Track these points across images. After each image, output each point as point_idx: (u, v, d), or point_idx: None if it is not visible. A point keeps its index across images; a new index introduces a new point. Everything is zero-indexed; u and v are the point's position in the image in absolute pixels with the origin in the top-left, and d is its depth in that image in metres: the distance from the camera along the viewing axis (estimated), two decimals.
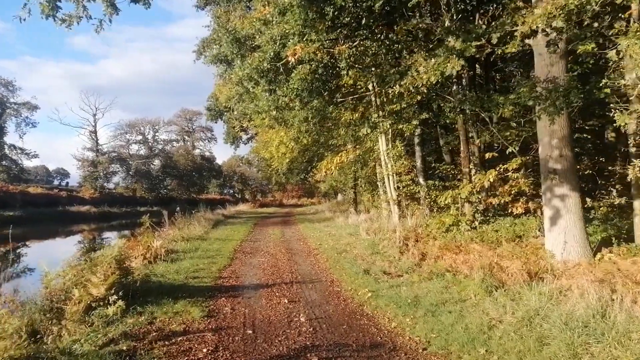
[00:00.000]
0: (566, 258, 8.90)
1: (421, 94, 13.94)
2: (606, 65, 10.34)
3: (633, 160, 8.48)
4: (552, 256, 9.08)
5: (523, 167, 11.27)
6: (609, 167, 15.42)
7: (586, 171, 14.09)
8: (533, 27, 6.05)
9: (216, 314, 6.65)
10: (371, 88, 16.10)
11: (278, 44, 9.40)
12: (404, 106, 14.24)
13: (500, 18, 6.80)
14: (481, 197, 14.31)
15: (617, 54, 6.42)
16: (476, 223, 13.44)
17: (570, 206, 9.08)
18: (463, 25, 7.54)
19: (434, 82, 7.42)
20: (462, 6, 12.01)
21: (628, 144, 9.75)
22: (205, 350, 5.25)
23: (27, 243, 26.96)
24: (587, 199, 11.55)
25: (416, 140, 18.51)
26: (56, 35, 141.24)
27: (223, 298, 7.62)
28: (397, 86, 7.47)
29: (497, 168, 11.14)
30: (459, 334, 5.57)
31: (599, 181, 14.80)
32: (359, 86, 16.28)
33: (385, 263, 11.03)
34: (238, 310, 6.93)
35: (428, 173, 18.71)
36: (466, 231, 12.94)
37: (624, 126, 8.11)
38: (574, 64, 10.24)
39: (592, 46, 6.56)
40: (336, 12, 8.84)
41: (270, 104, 11.48)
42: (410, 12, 10.65)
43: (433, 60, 7.02)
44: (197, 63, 41.35)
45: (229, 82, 11.55)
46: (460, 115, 14.01)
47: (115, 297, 6.27)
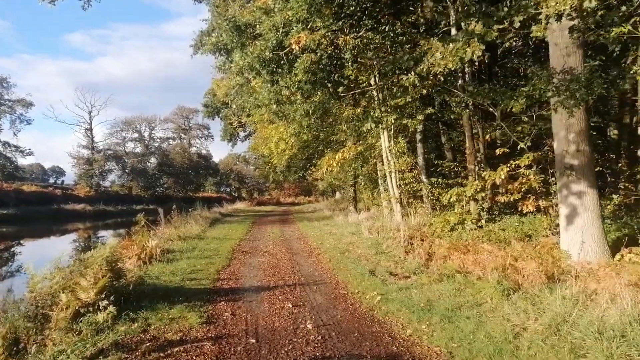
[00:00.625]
0: (583, 259, 8.44)
1: (427, 88, 13.50)
2: (622, 55, 9.92)
3: None
4: (569, 257, 8.63)
5: (535, 164, 10.79)
6: (619, 165, 15.04)
7: (596, 168, 13.65)
8: (560, 10, 5.56)
9: (216, 320, 6.15)
10: (373, 83, 15.64)
11: (281, 32, 8.91)
12: (409, 100, 13.74)
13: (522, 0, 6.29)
14: (486, 195, 13.89)
15: None
16: (483, 221, 12.99)
17: (587, 204, 8.63)
18: (482, 7, 7.00)
19: (452, 69, 6.93)
20: None
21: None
22: None
23: (22, 242, 26.46)
24: None
25: (418, 137, 18.02)
26: (53, 32, 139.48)
27: (222, 302, 7.13)
28: (412, 73, 6.97)
29: (508, 164, 10.67)
30: (483, 344, 5.09)
31: (609, 179, 14.40)
32: (361, 80, 15.81)
33: (390, 263, 10.58)
34: (239, 315, 6.44)
35: (430, 171, 18.23)
36: (472, 230, 12.52)
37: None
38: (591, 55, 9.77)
39: (628, 28, 6.06)
40: None
41: (271, 97, 10.97)
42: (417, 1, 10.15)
43: (451, 45, 6.54)
44: (195, 59, 40.94)
45: (229, 72, 11.04)
46: (466, 110, 13.56)
47: (105, 302, 5.77)
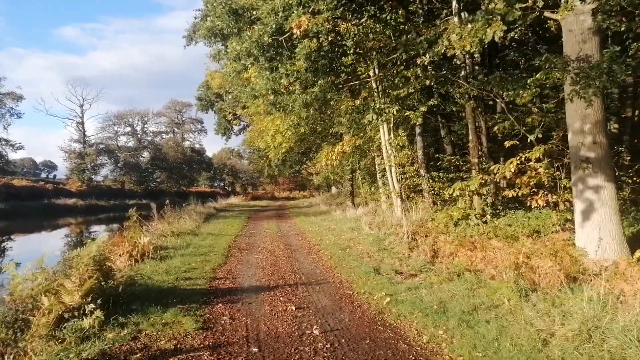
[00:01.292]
0: (601, 257, 8.01)
1: (430, 78, 13.02)
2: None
3: None
4: (585, 254, 8.18)
5: (547, 156, 10.33)
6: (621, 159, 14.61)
7: None
8: None
9: (213, 326, 5.64)
10: (372, 74, 15.14)
11: (280, 16, 8.37)
12: (411, 91, 13.24)
13: None
14: (490, 189, 13.48)
15: None
16: (488, 217, 12.57)
17: (605, 198, 8.18)
18: None
19: (471, 51, 6.44)
20: None
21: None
22: None
23: (11, 237, 25.82)
24: None
25: (417, 130, 17.53)
26: (44, 25, 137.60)
27: (220, 304, 6.61)
28: (426, 56, 6.46)
29: (518, 157, 10.21)
30: (510, 353, 4.62)
31: (616, 172, 13.98)
32: (360, 72, 15.31)
33: (395, 261, 10.11)
34: (238, 319, 5.93)
35: (429, 164, 17.76)
36: (476, 225, 12.10)
37: None
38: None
39: None
40: None
41: (268, 87, 10.43)
42: None
43: (469, 25, 6.05)
44: (188, 53, 40.28)
45: (225, 59, 10.50)
46: (469, 102, 13.10)
47: (92, 306, 5.24)
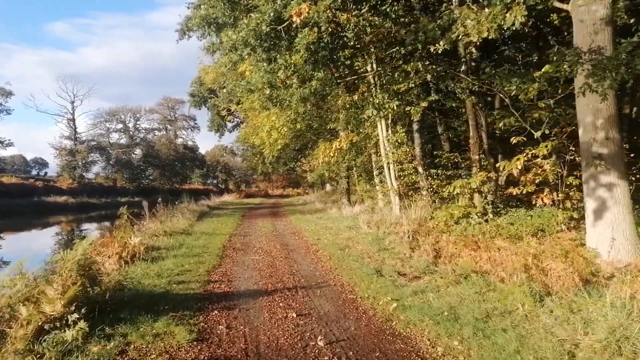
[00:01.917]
0: (614, 257, 7.67)
1: (431, 72, 12.63)
2: None
3: None
4: (597, 255, 7.83)
5: (555, 153, 9.97)
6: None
7: None
8: None
9: (208, 336, 5.20)
10: (370, 69, 14.73)
11: (279, 4, 7.93)
12: (412, 86, 12.83)
13: None
14: (491, 187, 13.14)
15: None
16: (490, 215, 12.22)
17: (618, 197, 7.83)
18: None
19: (490, 38, 6.03)
20: None
21: None
22: None
23: (1, 235, 25.22)
24: None
25: (415, 126, 17.15)
26: (34, 21, 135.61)
27: (215, 311, 6.17)
28: (440, 44, 6.04)
29: (525, 154, 9.84)
30: None
31: None
32: (357, 67, 14.90)
33: (396, 261, 9.71)
34: (236, 329, 5.49)
35: (427, 162, 17.39)
36: (477, 224, 11.75)
37: None
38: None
39: None
40: None
41: (264, 81, 9.98)
42: None
43: (487, 10, 5.64)
44: (181, 49, 39.67)
45: (220, 50, 10.03)
46: (472, 97, 12.74)
47: (75, 316, 4.79)
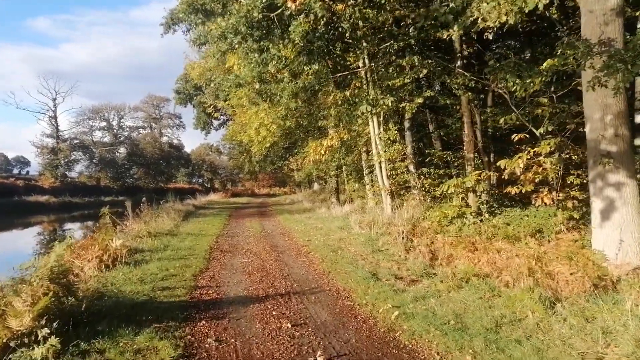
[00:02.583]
0: (622, 261, 7.31)
1: (427, 67, 12.26)
2: None
3: None
4: (604, 258, 7.47)
5: (558, 151, 9.61)
6: None
7: None
8: None
9: (196, 352, 4.69)
10: (362, 64, 14.32)
11: None
12: (407, 81, 12.43)
13: None
14: (485, 186, 12.82)
15: None
16: (486, 215, 11.88)
17: (627, 196, 7.47)
18: None
19: (510, 23, 5.61)
20: None
21: None
22: None
23: None
24: None
25: (406, 124, 16.77)
26: (15, 16, 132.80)
27: (203, 321, 5.67)
28: (453, 29, 5.59)
29: (526, 152, 9.47)
30: None
31: None
32: (349, 62, 14.48)
33: (392, 264, 9.30)
34: (226, 342, 5.00)
35: (418, 160, 17.03)
36: (473, 224, 11.42)
37: None
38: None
39: None
40: None
41: (254, 74, 9.48)
42: None
43: None
44: (166, 47, 38.96)
45: (207, 40, 9.50)
46: (468, 93, 12.39)
47: (46, 331, 4.28)
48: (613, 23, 7.42)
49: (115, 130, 66.76)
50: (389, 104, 12.45)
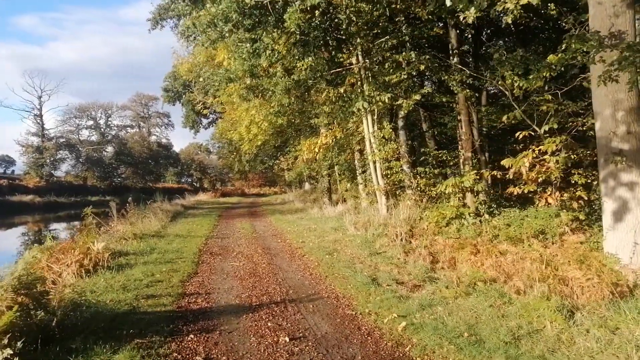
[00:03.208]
0: (637, 265, 6.91)
1: (425, 63, 11.81)
2: None
3: None
4: (617, 261, 7.06)
5: (565, 149, 9.20)
6: None
7: None
8: None
9: None
10: (355, 61, 13.84)
11: None
12: (404, 77, 11.96)
13: None
14: (484, 186, 12.44)
15: None
16: (486, 216, 11.47)
17: None
18: None
19: (533, 3, 5.15)
20: None
21: None
22: None
23: None
24: None
25: (400, 123, 16.33)
26: (0, 13, 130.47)
27: (192, 335, 5.12)
28: (470, 11, 5.13)
29: (532, 149, 9.05)
30: None
31: None
32: (342, 59, 14.00)
33: (391, 267, 8.84)
34: None
35: (412, 160, 16.60)
36: (472, 225, 11.02)
37: None
38: None
39: None
40: None
41: (245, 68, 8.95)
42: None
43: None
44: (155, 44, 38.29)
45: (197, 31, 8.92)
46: (466, 90, 11.98)
47: (8, 352, 3.72)
48: (624, 15, 7.04)
49: (102, 129, 65.91)
50: (386, 101, 11.96)
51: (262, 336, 5.12)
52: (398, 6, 11.62)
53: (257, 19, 7.42)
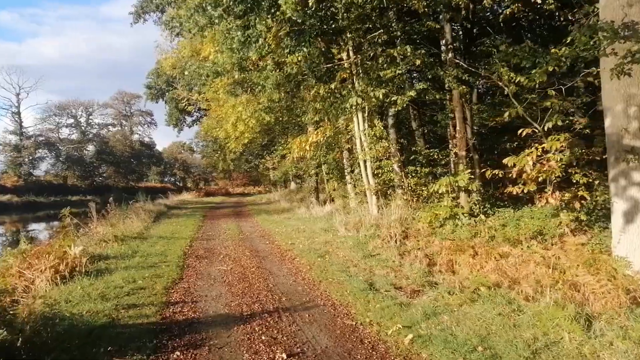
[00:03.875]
0: None
1: (420, 58, 11.41)
2: None
3: None
4: (628, 265, 6.72)
5: (570, 147, 8.85)
6: None
7: None
8: None
9: None
10: (345, 57, 13.39)
11: None
12: (400, 72, 11.55)
13: None
14: (478, 185, 12.11)
15: None
16: (481, 216, 11.14)
17: None
18: None
19: None
20: None
21: None
22: None
23: None
24: None
25: (390, 121, 15.95)
26: None
27: (177, 352, 4.60)
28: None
29: (535, 147, 8.68)
30: None
31: None
32: (334, 53, 13.55)
33: (387, 271, 8.41)
34: None
35: (402, 159, 16.25)
36: (467, 225, 10.68)
37: None
38: None
39: None
40: None
41: (234, 60, 8.44)
42: None
43: None
44: (137, 41, 37.47)
45: (182, 20, 8.38)
46: (462, 87, 11.63)
47: None
48: (638, 4, 6.68)
49: (83, 127, 64.64)
50: (380, 97, 11.53)
51: (256, 352, 4.62)
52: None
53: (250, 4, 6.88)
